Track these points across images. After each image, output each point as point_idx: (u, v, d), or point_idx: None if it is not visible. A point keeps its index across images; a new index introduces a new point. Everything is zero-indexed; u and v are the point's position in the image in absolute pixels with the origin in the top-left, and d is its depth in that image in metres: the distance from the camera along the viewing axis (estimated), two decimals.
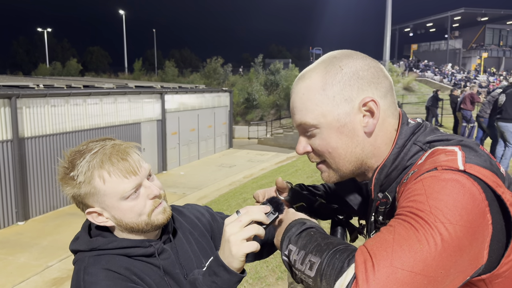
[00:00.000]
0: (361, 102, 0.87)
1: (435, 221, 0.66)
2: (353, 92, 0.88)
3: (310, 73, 0.92)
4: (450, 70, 36.82)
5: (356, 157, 0.91)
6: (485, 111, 7.95)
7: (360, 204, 1.10)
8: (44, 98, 11.47)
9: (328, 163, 0.94)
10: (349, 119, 0.88)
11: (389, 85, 0.92)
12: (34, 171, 11.18)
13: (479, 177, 0.71)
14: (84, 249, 1.06)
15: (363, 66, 0.89)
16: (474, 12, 43.58)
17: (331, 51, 0.97)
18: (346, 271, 0.68)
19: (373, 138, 0.90)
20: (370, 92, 0.88)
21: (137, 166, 1.04)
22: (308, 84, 0.91)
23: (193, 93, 19.68)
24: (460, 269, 0.68)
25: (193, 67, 52.91)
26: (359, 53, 0.93)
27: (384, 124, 0.90)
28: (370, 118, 0.88)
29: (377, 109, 0.87)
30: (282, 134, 24.85)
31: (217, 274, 0.91)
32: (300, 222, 0.88)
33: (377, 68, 0.91)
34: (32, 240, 9.49)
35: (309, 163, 12.14)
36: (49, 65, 50.80)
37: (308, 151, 0.96)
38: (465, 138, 0.84)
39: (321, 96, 0.89)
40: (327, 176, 0.97)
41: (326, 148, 0.91)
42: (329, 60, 0.91)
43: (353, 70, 0.88)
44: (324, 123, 0.89)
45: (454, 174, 0.71)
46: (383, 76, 0.91)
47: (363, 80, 0.88)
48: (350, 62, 0.89)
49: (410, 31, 54.00)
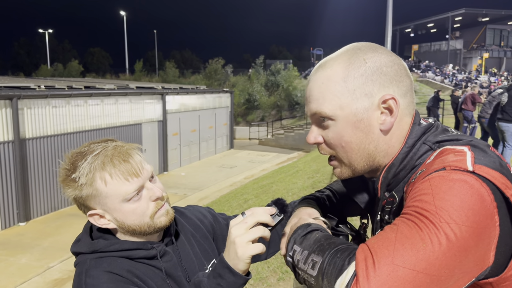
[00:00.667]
0: (381, 99, 0.85)
1: (440, 221, 0.66)
2: (374, 88, 0.85)
3: (332, 62, 0.89)
4: (451, 71, 36.77)
5: (369, 153, 0.89)
6: (486, 111, 7.93)
7: (367, 203, 1.09)
8: (45, 99, 11.48)
9: (340, 157, 0.92)
10: (367, 114, 0.86)
11: (409, 85, 0.90)
12: (35, 172, 11.18)
13: (488, 179, 0.70)
14: (86, 251, 1.05)
15: (388, 62, 0.87)
16: (475, 13, 43.49)
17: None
18: (346, 269, 0.68)
19: (389, 137, 0.88)
20: (391, 89, 0.86)
21: (139, 168, 1.03)
22: (329, 74, 0.88)
23: (194, 94, 19.68)
24: (465, 270, 0.67)
25: (194, 68, 53.00)
26: (384, 47, 0.90)
27: (401, 123, 0.88)
28: (388, 116, 0.86)
29: (396, 108, 0.85)
30: (283, 134, 24.85)
31: (222, 276, 0.90)
32: (305, 225, 0.88)
33: (401, 65, 0.89)
34: (33, 241, 9.50)
35: (310, 164, 12.12)
36: (50, 66, 50.91)
37: (319, 142, 0.93)
38: (475, 139, 0.83)
39: (342, 88, 0.86)
40: (339, 172, 0.95)
41: (340, 141, 0.89)
42: (353, 51, 0.88)
43: (377, 65, 0.86)
44: (340, 115, 0.87)
45: (463, 174, 0.70)
46: (405, 75, 0.89)
47: (386, 76, 0.86)
48: (374, 56, 0.87)
49: (411, 31, 53.91)
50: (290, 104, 30.63)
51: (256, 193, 9.91)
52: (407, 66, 0.91)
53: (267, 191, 9.52)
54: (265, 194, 9.11)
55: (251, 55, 63.87)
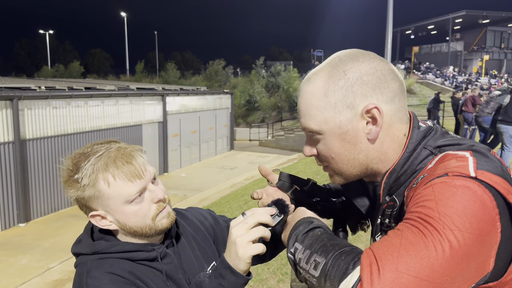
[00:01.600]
0: (364, 109, 0.85)
1: (444, 228, 0.66)
2: (356, 99, 0.85)
3: (315, 77, 0.90)
4: (452, 73, 36.78)
5: (360, 162, 0.91)
6: (482, 110, 7.95)
7: (367, 207, 1.09)
8: (45, 100, 11.48)
9: (332, 168, 0.94)
10: (351, 126, 0.87)
11: (398, 88, 0.88)
12: (36, 173, 11.18)
13: (491, 184, 0.70)
14: (87, 252, 1.05)
15: (369, 70, 0.86)
16: (475, 15, 43.52)
17: (333, 53, 0.95)
18: (351, 273, 0.68)
19: (379, 144, 0.89)
20: (374, 98, 0.86)
21: (142, 170, 1.03)
22: (311, 89, 0.90)
23: (195, 95, 19.69)
24: (466, 277, 0.68)
25: (195, 69, 52.98)
26: (367, 54, 0.90)
27: (391, 130, 0.88)
28: (373, 125, 0.86)
29: (380, 116, 0.85)
30: (283, 136, 24.83)
31: (223, 277, 0.91)
32: (307, 221, 0.88)
33: (385, 70, 0.88)
34: (33, 242, 9.49)
35: (310, 165, 12.12)
36: (51, 67, 50.95)
37: (314, 154, 0.96)
38: (476, 143, 0.83)
39: (323, 103, 0.87)
40: (333, 180, 0.98)
41: (329, 153, 0.91)
42: (334, 64, 0.89)
43: (357, 76, 0.86)
44: (326, 129, 0.89)
45: (465, 180, 0.70)
46: (392, 78, 0.88)
47: (367, 85, 0.85)
48: (354, 67, 0.86)
49: (411, 33, 53.97)
50: (290, 106, 30.63)
51: None
52: (395, 69, 0.91)
53: None
54: None
55: (251, 56, 63.91)
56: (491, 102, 7.61)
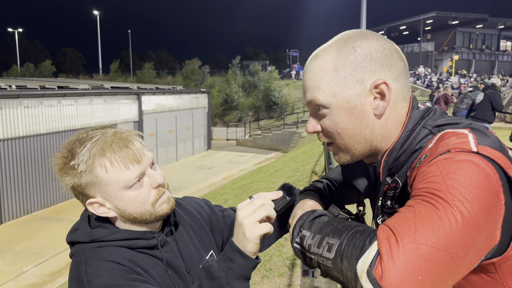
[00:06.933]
0: (373, 84, 0.87)
1: (454, 200, 0.67)
2: (365, 74, 0.87)
3: (323, 53, 0.91)
4: (423, 72, 37.70)
5: (366, 138, 0.91)
6: (458, 106, 8.28)
7: (367, 188, 1.10)
8: (17, 99, 11.13)
9: (337, 144, 0.94)
10: (360, 100, 0.88)
11: (403, 68, 0.90)
12: (7, 174, 10.83)
13: (492, 158, 0.72)
14: (84, 241, 1.01)
15: (377, 47, 0.88)
16: (445, 16, 44.76)
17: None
18: (368, 248, 0.68)
19: (384, 121, 0.90)
20: (382, 74, 0.87)
21: (140, 154, 1.00)
22: (320, 64, 0.90)
23: (171, 94, 19.49)
24: (477, 248, 0.69)
25: (170, 68, 52.50)
26: (374, 33, 0.92)
27: (395, 107, 0.90)
28: (381, 100, 0.88)
29: (388, 92, 0.87)
30: (260, 135, 24.89)
31: (232, 260, 0.89)
32: (310, 211, 0.89)
33: (392, 49, 0.90)
34: (5, 246, 9.19)
35: (289, 163, 12.16)
36: (21, 67, 49.38)
37: (317, 130, 0.95)
38: (473, 122, 0.85)
39: (333, 76, 0.88)
40: (338, 158, 0.97)
41: (336, 128, 0.91)
42: (343, 40, 0.90)
43: (367, 52, 0.87)
44: (334, 103, 0.89)
45: (468, 155, 0.72)
46: (398, 58, 0.90)
47: (376, 62, 0.87)
48: (364, 43, 0.88)
49: (384, 33, 54.99)
50: (267, 105, 30.72)
51: (236, 193, 9.88)
52: (399, 50, 0.93)
53: (247, 191, 9.51)
54: (246, 194, 9.09)
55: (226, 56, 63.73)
56: (465, 99, 7.94)
